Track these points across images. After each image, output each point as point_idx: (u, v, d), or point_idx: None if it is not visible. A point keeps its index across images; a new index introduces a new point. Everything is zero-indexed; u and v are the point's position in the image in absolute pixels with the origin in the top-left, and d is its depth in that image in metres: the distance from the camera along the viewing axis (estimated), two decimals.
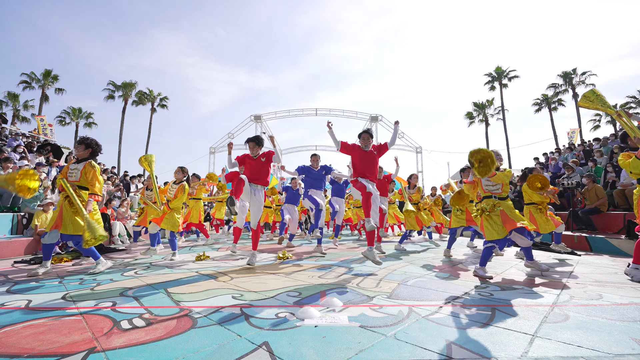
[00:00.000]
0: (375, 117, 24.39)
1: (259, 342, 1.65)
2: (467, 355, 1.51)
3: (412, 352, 1.54)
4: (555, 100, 26.14)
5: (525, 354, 1.51)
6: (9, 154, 8.62)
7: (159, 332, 1.81)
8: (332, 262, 4.31)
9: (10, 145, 10.02)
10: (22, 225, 5.99)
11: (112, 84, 26.46)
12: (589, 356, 1.49)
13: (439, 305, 2.31)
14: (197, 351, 1.56)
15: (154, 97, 28.19)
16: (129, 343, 1.65)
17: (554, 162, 11.58)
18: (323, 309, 2.21)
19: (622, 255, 4.99)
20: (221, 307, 2.28)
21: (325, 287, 2.87)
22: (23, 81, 23.91)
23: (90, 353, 1.54)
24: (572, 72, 24.94)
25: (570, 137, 18.32)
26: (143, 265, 4.17)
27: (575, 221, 6.85)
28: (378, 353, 1.53)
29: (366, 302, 2.39)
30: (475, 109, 28.68)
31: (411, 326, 1.88)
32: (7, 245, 4.86)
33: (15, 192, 3.34)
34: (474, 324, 1.91)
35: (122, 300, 2.48)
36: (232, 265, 4.09)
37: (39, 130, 14.80)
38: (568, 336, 1.72)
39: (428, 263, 4.24)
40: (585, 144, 13.08)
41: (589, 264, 4.15)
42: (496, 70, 27.48)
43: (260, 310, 2.20)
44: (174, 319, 2.03)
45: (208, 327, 1.87)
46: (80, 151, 3.77)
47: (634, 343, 1.63)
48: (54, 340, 1.69)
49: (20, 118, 24.74)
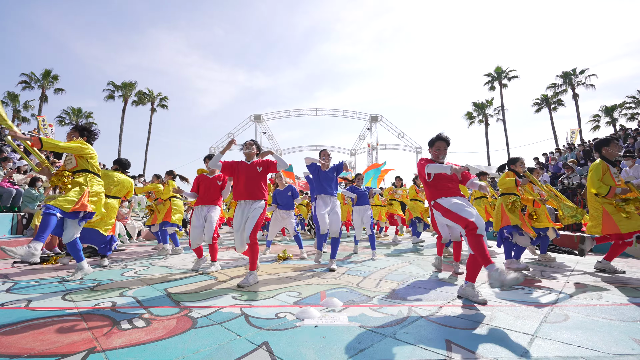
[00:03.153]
0: (375, 117, 24.39)
1: (259, 342, 1.65)
2: (467, 355, 1.51)
3: (412, 352, 1.54)
4: (555, 101, 26.14)
5: (525, 354, 1.51)
6: (9, 154, 8.63)
7: (159, 332, 1.81)
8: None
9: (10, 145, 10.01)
10: (22, 225, 5.99)
11: (112, 84, 26.47)
12: (589, 356, 1.49)
13: (439, 305, 2.31)
14: (197, 351, 1.56)
15: (153, 97, 28.19)
16: (129, 343, 1.65)
17: (554, 162, 11.59)
18: (323, 309, 2.21)
19: (622, 255, 4.98)
20: (221, 307, 2.28)
21: (325, 287, 2.87)
22: (23, 81, 23.92)
23: (90, 353, 1.54)
24: (572, 72, 24.94)
25: (570, 137, 18.33)
26: (143, 265, 4.17)
27: None
28: (378, 353, 1.53)
29: (366, 302, 2.39)
30: (475, 109, 28.69)
31: (411, 326, 1.88)
32: (7, 245, 4.85)
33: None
34: (474, 324, 1.91)
35: (122, 300, 2.48)
36: (233, 266, 4.09)
37: (39, 130, 14.81)
38: (568, 336, 1.72)
39: (428, 263, 4.23)
40: (585, 144, 13.09)
41: (589, 264, 4.15)
42: (496, 70, 27.48)
43: (260, 310, 2.20)
44: (174, 319, 2.03)
45: (208, 327, 1.87)
46: (71, 137, 3.47)
47: (634, 343, 1.63)
48: (54, 340, 1.69)
49: (21, 118, 24.74)
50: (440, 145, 2.81)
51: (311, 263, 4.28)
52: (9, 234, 5.74)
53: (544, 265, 4.09)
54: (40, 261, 4.32)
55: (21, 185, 6.81)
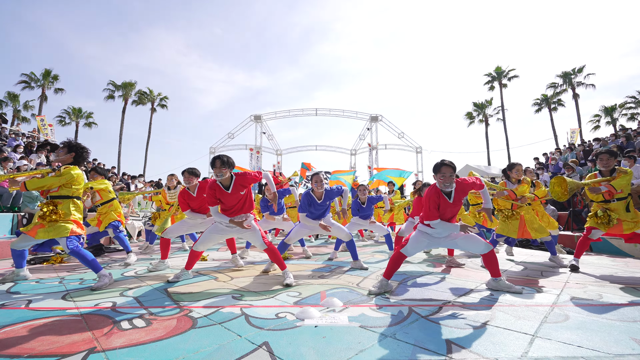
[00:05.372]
0: (375, 117, 24.38)
1: (259, 342, 1.65)
2: (467, 355, 1.51)
3: (412, 352, 1.54)
4: (555, 101, 26.14)
5: (525, 354, 1.51)
6: (9, 154, 8.63)
7: (159, 332, 1.81)
8: (333, 262, 4.31)
9: (10, 145, 10.02)
10: (22, 225, 5.99)
11: (112, 84, 26.45)
12: (589, 356, 1.49)
13: (439, 305, 2.31)
14: (197, 351, 1.56)
15: (153, 97, 28.18)
16: (129, 343, 1.65)
17: (554, 162, 11.59)
18: (323, 309, 2.21)
19: (622, 255, 4.99)
20: (221, 307, 2.28)
21: (325, 287, 2.87)
22: (23, 81, 23.89)
23: (90, 353, 1.54)
24: (572, 72, 24.93)
25: (570, 137, 18.32)
26: (143, 265, 4.17)
27: (576, 221, 6.85)
28: (378, 353, 1.53)
29: (366, 302, 2.39)
30: (475, 109, 28.68)
31: (411, 326, 1.88)
32: (7, 245, 4.86)
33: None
34: (474, 324, 1.91)
35: (122, 300, 2.48)
36: (232, 265, 4.09)
37: (39, 130, 14.81)
38: (568, 336, 1.72)
39: (428, 263, 4.24)
40: (585, 144, 13.09)
41: (589, 264, 4.15)
42: (496, 70, 27.47)
43: (260, 311, 2.20)
44: (174, 319, 2.03)
45: (208, 327, 1.87)
46: (61, 155, 3.06)
47: (634, 343, 1.63)
48: (54, 340, 1.69)
49: (21, 118, 24.74)
50: (446, 171, 2.69)
51: (311, 263, 4.28)
52: (9, 234, 5.74)
53: (544, 265, 4.09)
54: (40, 261, 4.33)
55: None
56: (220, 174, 2.97)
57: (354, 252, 3.91)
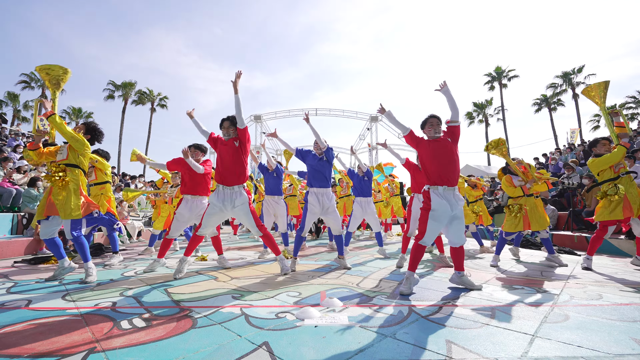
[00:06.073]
0: (375, 117, 24.39)
1: (259, 342, 1.65)
2: (467, 355, 1.51)
3: (412, 352, 1.54)
4: (554, 101, 26.15)
5: (525, 354, 1.51)
6: (9, 154, 8.63)
7: (159, 332, 1.81)
8: (332, 262, 4.31)
9: (10, 145, 10.02)
10: (22, 225, 5.98)
11: (112, 84, 26.45)
12: (589, 356, 1.49)
13: (439, 305, 2.31)
14: (197, 351, 1.56)
15: (153, 96, 28.19)
16: (129, 343, 1.65)
17: (554, 162, 11.58)
18: (323, 309, 2.21)
19: (622, 255, 4.99)
20: (221, 307, 2.28)
21: (326, 287, 2.87)
22: (23, 81, 23.90)
23: (90, 353, 1.54)
24: (572, 72, 24.95)
25: (570, 137, 18.31)
26: (143, 265, 4.16)
27: (575, 221, 6.85)
28: (378, 353, 1.53)
29: (366, 302, 2.39)
30: (475, 109, 28.69)
31: (411, 326, 1.88)
32: (7, 245, 4.86)
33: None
34: (474, 324, 1.91)
35: (122, 300, 2.48)
36: (233, 265, 4.09)
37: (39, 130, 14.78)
38: (568, 336, 1.72)
39: (428, 263, 4.23)
40: (585, 144, 13.08)
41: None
42: (496, 70, 27.49)
43: (260, 311, 2.20)
44: (174, 319, 2.03)
45: (208, 327, 1.87)
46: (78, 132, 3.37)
47: (634, 343, 1.63)
48: (54, 340, 1.69)
49: (21, 118, 24.73)
50: (433, 121, 2.93)
51: (311, 263, 4.28)
52: (9, 234, 5.74)
53: (544, 265, 4.09)
54: (40, 261, 4.32)
55: (21, 185, 6.81)
56: (227, 134, 3.38)
57: (341, 248, 3.97)
